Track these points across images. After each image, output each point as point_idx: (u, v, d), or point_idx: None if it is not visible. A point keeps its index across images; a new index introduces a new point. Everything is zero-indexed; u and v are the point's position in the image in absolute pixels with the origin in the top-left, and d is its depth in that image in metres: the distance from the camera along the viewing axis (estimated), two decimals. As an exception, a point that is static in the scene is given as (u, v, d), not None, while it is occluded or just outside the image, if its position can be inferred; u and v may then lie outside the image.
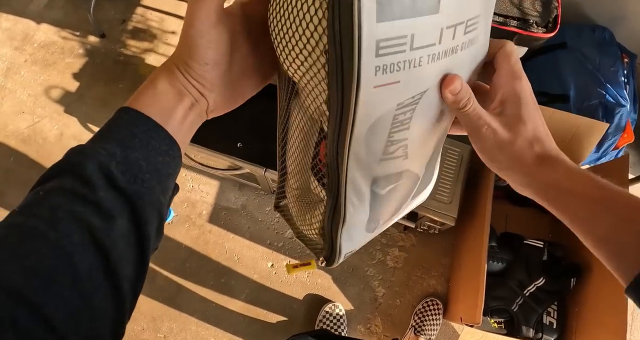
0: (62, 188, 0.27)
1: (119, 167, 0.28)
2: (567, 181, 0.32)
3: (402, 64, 0.26)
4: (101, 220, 0.27)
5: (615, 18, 1.57)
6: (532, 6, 0.94)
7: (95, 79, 1.73)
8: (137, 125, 0.30)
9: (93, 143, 0.30)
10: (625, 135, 1.43)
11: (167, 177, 0.31)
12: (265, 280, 1.42)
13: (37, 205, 0.27)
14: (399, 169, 0.35)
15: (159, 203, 0.31)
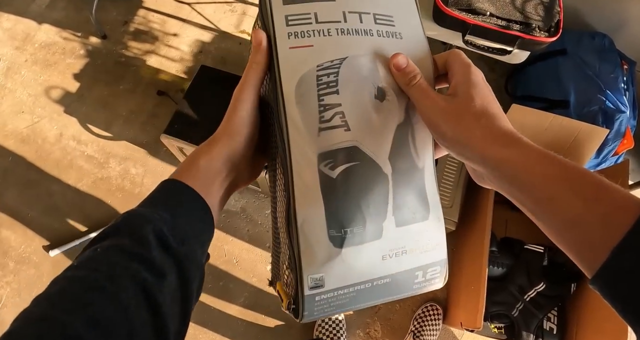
0: (120, 246, 0.30)
1: (170, 231, 0.32)
2: (524, 158, 0.29)
3: (311, 32, 0.35)
4: (154, 276, 0.30)
5: (615, 25, 1.58)
6: (535, 10, 0.95)
7: (95, 79, 1.73)
8: (183, 195, 0.35)
9: (146, 207, 0.34)
10: (625, 141, 1.43)
11: (204, 243, 0.36)
12: (264, 284, 1.41)
13: (96, 261, 0.29)
14: (344, 141, 0.33)
15: (200, 264, 0.34)
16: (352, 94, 0.34)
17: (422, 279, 0.37)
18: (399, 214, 0.35)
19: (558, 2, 0.98)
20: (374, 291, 0.35)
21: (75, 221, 1.50)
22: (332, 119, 0.33)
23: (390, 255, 0.35)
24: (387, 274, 0.35)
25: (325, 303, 0.34)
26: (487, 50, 0.97)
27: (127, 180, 1.56)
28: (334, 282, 0.34)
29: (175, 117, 1.29)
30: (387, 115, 0.34)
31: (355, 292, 0.35)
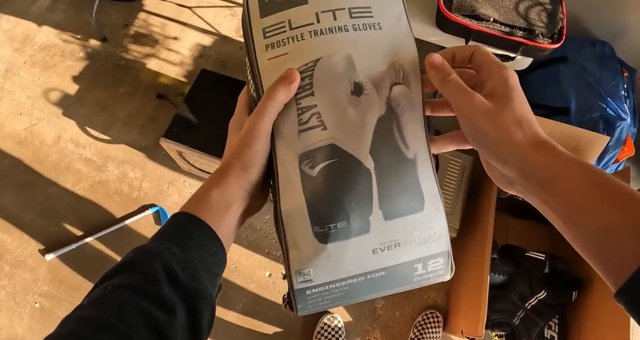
0: (130, 284, 0.30)
1: (179, 266, 0.32)
2: (563, 165, 0.30)
3: (286, 40, 0.36)
4: (164, 314, 0.29)
5: (615, 33, 1.58)
6: (538, 17, 0.95)
7: (95, 82, 1.72)
8: (194, 229, 0.35)
9: (155, 242, 0.34)
10: (626, 148, 1.43)
11: (216, 276, 0.35)
12: (263, 290, 1.40)
13: (106, 300, 0.29)
14: (321, 141, 0.33)
15: (212, 298, 0.34)
16: (327, 93, 0.34)
17: (423, 271, 0.36)
18: (386, 207, 0.34)
19: (561, 9, 0.98)
20: (371, 284, 0.35)
21: (72, 225, 1.49)
22: (309, 121, 0.34)
23: (381, 248, 0.34)
24: (382, 267, 0.35)
25: (319, 296, 0.34)
26: (490, 56, 0.97)
27: (125, 183, 1.54)
28: (322, 277, 0.34)
29: (175, 121, 1.28)
30: (366, 110, 0.34)
31: (348, 286, 0.34)
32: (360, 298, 0.35)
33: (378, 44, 0.36)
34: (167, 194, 1.52)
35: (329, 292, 0.34)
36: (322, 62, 0.34)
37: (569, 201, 0.29)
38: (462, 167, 1.30)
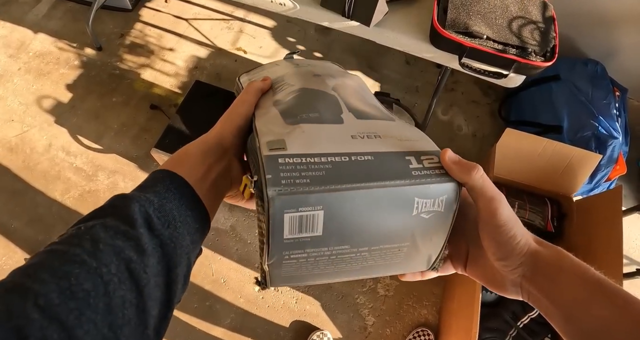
0: (104, 224, 0.29)
1: (155, 213, 0.31)
2: (567, 260, 0.31)
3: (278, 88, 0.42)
4: (138, 255, 0.29)
5: (607, 53, 1.61)
6: (531, 35, 0.95)
7: (88, 91, 1.71)
8: (171, 182, 0.34)
9: (134, 191, 0.34)
10: (618, 167, 1.43)
11: (195, 231, 0.34)
12: (252, 305, 1.37)
13: (79, 237, 0.28)
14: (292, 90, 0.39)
15: (189, 249, 0.33)
16: (295, 76, 0.42)
17: (420, 166, 0.31)
18: (356, 112, 0.36)
19: (554, 28, 0.98)
20: (361, 168, 0.29)
21: (60, 234, 1.46)
22: (281, 87, 0.40)
23: (360, 136, 0.32)
24: (367, 151, 0.31)
25: (295, 171, 0.28)
26: (483, 73, 0.97)
27: (115, 193, 1.52)
28: (297, 146, 0.30)
29: (167, 132, 1.27)
30: (324, 80, 0.41)
31: (331, 165, 0.29)
32: (351, 196, 0.28)
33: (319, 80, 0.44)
34: (157, 204, 1.50)
35: (308, 167, 0.29)
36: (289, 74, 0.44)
37: (569, 297, 0.30)
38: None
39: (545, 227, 1.36)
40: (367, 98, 0.42)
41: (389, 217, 0.30)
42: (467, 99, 1.76)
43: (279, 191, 0.27)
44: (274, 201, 0.27)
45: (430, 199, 0.30)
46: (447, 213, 0.32)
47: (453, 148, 0.32)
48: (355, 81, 0.45)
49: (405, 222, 0.31)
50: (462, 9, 0.94)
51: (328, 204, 0.28)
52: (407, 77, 1.79)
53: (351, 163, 0.30)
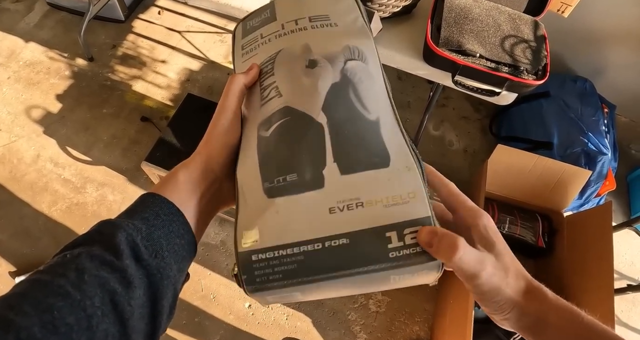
0: (90, 253, 0.29)
1: (143, 242, 0.31)
2: (554, 313, 0.32)
3: (256, 45, 0.42)
4: (123, 287, 0.28)
5: (596, 70, 1.64)
6: (523, 54, 0.96)
7: (79, 102, 1.70)
8: (161, 208, 0.33)
9: (121, 218, 0.33)
10: (607, 182, 1.45)
11: (182, 260, 0.34)
12: (242, 322, 1.35)
13: (64, 267, 0.28)
14: (277, 106, 0.35)
15: (175, 279, 0.33)
16: (284, 70, 0.37)
17: (400, 244, 0.29)
18: (342, 161, 0.31)
19: (545, 47, 1.00)
20: (333, 257, 0.29)
21: (46, 248, 1.43)
22: (269, 94, 0.36)
23: (340, 207, 0.30)
24: (343, 232, 0.29)
25: (267, 267, 0.29)
26: (476, 91, 0.98)
27: (103, 206, 1.50)
28: (270, 238, 0.30)
29: (158, 145, 1.26)
30: (319, 77, 0.35)
31: (303, 256, 0.29)
32: (325, 283, 0.29)
33: (334, 35, 0.39)
34: (146, 218, 1.48)
35: (279, 261, 0.29)
36: (283, 51, 0.39)
37: None
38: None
39: (537, 242, 1.36)
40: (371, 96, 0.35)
41: (364, 287, 0.31)
42: (459, 115, 1.77)
43: (255, 288, 0.29)
44: (253, 295, 0.30)
45: (409, 274, 0.30)
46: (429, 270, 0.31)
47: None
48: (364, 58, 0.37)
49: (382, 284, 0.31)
50: (455, 27, 0.95)
51: (302, 289, 0.29)
52: (399, 93, 1.80)
53: (324, 251, 0.29)
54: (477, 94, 0.98)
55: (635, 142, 1.80)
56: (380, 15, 0.98)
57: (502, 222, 1.36)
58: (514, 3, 1.08)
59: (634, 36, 1.49)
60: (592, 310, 0.30)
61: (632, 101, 1.67)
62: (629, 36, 1.50)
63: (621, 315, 1.51)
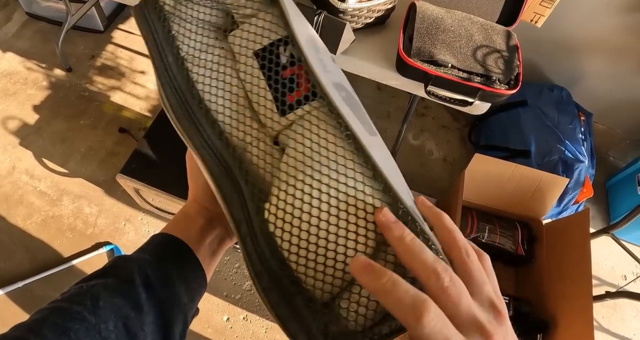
0: (105, 284, 0.31)
1: (154, 273, 0.33)
2: None
3: None
4: (136, 313, 0.30)
5: (573, 79, 1.66)
6: (495, 64, 0.97)
7: (56, 113, 1.67)
8: (170, 244, 0.37)
9: (134, 253, 0.36)
10: (585, 190, 1.46)
11: (193, 291, 0.36)
12: (219, 336, 1.33)
13: (80, 296, 0.30)
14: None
15: (185, 307, 0.34)
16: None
17: None
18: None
19: (517, 56, 1.01)
20: None
21: (20, 261, 1.40)
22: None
23: None
24: None
25: None
26: (449, 101, 0.98)
27: (79, 219, 1.47)
28: None
29: (134, 157, 1.24)
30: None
31: None
32: None
33: None
34: (123, 231, 1.46)
35: None
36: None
37: None
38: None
39: (516, 250, 1.36)
40: None
41: None
42: (438, 124, 1.78)
43: None
44: None
45: None
46: None
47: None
48: None
49: None
50: (427, 37, 0.96)
51: None
52: (379, 103, 1.80)
53: None
54: (451, 104, 0.99)
55: (613, 149, 1.83)
56: (353, 26, 0.98)
57: (482, 230, 1.36)
58: (486, 13, 1.10)
59: (609, 45, 1.51)
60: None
61: (609, 109, 1.69)
62: (604, 45, 1.52)
63: (602, 321, 1.52)
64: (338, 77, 0.35)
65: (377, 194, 0.27)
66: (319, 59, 0.34)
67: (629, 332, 1.50)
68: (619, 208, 1.67)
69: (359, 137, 0.28)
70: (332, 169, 0.28)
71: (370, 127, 0.33)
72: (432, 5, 1.03)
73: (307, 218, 0.27)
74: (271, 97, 0.33)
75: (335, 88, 0.32)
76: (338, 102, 0.30)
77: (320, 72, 0.31)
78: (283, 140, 0.32)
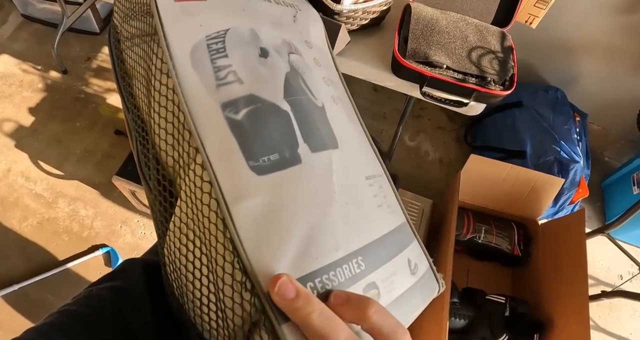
0: (113, 287, 0.34)
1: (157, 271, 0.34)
2: None
3: None
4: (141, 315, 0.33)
5: (568, 80, 1.67)
6: (490, 65, 0.97)
7: (51, 115, 1.67)
8: None
9: (143, 256, 0.39)
10: (580, 190, 1.47)
11: None
12: None
13: (89, 299, 0.33)
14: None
15: None
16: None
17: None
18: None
19: (512, 57, 1.01)
20: None
21: (16, 264, 1.39)
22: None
23: None
24: None
25: None
26: (444, 102, 0.98)
27: (75, 222, 1.47)
28: None
29: (130, 159, 1.24)
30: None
31: None
32: None
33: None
34: (119, 234, 1.45)
35: None
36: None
37: None
38: (421, 211, 1.30)
39: (512, 251, 1.37)
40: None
41: None
42: (434, 126, 1.79)
43: None
44: None
45: None
46: None
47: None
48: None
49: None
50: (422, 39, 0.96)
51: None
52: (375, 104, 1.81)
53: None
54: (446, 105, 0.99)
55: (609, 149, 1.84)
56: (349, 28, 0.98)
57: (478, 231, 1.36)
58: (481, 15, 1.10)
59: (603, 46, 1.52)
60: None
61: (604, 109, 1.70)
62: (598, 46, 1.53)
63: (599, 320, 1.52)
64: None
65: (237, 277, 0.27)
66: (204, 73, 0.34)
67: (625, 331, 1.51)
68: (614, 208, 1.68)
69: (224, 209, 0.28)
70: (203, 244, 0.29)
71: None
72: (427, 6, 1.04)
73: (185, 279, 0.30)
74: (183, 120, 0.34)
75: (226, 118, 0.32)
76: (210, 148, 0.30)
77: (195, 103, 0.32)
78: (179, 187, 0.33)
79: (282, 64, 0.37)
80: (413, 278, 0.34)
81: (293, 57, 0.38)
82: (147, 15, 0.35)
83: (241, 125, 0.32)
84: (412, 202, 1.30)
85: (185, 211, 0.30)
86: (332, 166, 0.33)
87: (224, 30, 0.36)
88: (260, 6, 0.40)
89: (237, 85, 0.34)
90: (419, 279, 0.34)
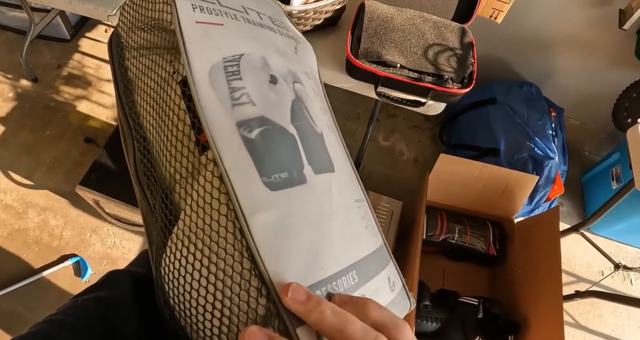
0: (97, 297, 0.34)
1: (146, 286, 0.34)
2: None
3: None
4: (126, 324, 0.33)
5: (543, 75, 1.65)
6: (447, 62, 0.95)
7: (22, 124, 1.65)
8: None
9: (127, 267, 0.40)
10: (556, 186, 1.45)
11: None
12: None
13: (74, 308, 0.33)
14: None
15: None
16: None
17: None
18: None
19: (472, 54, 0.99)
20: None
21: (-14, 277, 1.37)
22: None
23: None
24: None
25: None
26: (401, 102, 0.96)
27: (45, 232, 1.44)
28: None
29: (94, 167, 1.22)
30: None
31: None
32: None
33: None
34: (89, 243, 1.43)
35: None
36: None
37: None
38: (390, 212, 1.28)
39: (487, 251, 1.35)
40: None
41: None
42: (409, 125, 1.76)
43: None
44: None
45: None
46: None
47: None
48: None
49: None
50: (375, 38, 0.94)
51: None
52: (348, 104, 1.78)
53: None
54: (403, 105, 0.97)
55: (588, 143, 1.82)
56: (301, 28, 0.96)
57: (452, 231, 1.34)
58: (441, 11, 1.08)
59: (577, 40, 1.50)
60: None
61: (581, 103, 1.68)
62: (572, 39, 1.51)
63: (580, 318, 1.50)
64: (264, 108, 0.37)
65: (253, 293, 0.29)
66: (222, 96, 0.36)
67: (607, 328, 1.49)
68: (594, 203, 1.65)
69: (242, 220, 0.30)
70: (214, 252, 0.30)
71: None
72: (382, 4, 1.01)
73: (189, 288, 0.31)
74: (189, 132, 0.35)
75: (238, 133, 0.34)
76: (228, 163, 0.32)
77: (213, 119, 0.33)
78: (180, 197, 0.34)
79: (288, 91, 0.40)
80: (392, 294, 0.36)
81: (297, 86, 0.41)
82: (160, 30, 0.38)
83: (255, 143, 0.35)
84: (381, 204, 1.28)
85: (195, 221, 0.31)
86: (332, 188, 0.36)
87: (238, 55, 0.39)
88: (269, 36, 0.42)
89: (250, 106, 0.37)
90: (396, 295, 0.37)
